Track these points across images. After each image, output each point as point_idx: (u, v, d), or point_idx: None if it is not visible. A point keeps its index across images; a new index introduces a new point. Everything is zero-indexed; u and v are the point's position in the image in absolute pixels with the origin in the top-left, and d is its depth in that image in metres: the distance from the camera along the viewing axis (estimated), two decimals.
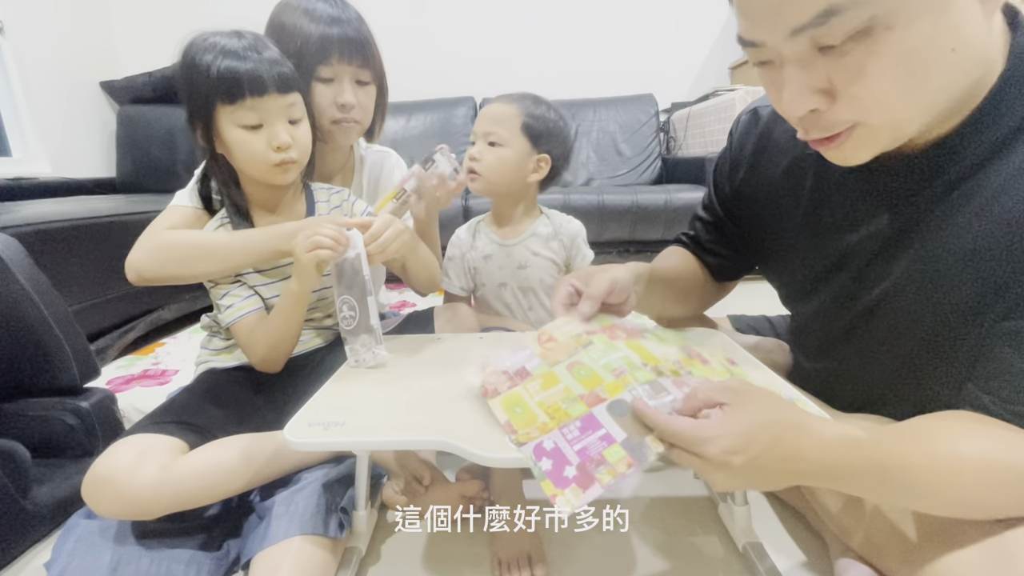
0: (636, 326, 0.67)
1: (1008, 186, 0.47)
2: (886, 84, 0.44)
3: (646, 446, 0.47)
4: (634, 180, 2.66)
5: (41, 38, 2.37)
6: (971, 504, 0.47)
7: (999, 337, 0.48)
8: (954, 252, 0.51)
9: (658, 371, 0.56)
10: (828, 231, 0.64)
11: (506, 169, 0.99)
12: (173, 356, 1.60)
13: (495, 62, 2.89)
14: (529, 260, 1.04)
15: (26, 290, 0.86)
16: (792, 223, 0.69)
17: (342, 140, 0.96)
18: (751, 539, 0.72)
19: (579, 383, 0.55)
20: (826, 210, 0.64)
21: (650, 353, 0.59)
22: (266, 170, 0.79)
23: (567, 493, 0.45)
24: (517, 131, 0.98)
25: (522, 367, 0.59)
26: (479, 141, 1.00)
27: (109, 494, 0.64)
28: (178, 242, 0.82)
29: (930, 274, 0.53)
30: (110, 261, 1.45)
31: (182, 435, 0.71)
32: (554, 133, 1.01)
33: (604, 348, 0.59)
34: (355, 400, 0.64)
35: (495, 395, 0.57)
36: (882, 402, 0.64)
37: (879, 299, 0.59)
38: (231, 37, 0.76)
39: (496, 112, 1.00)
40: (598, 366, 0.57)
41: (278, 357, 0.84)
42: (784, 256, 0.73)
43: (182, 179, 0.90)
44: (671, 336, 0.68)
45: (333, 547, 0.69)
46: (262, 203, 0.86)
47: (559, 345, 0.61)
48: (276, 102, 0.77)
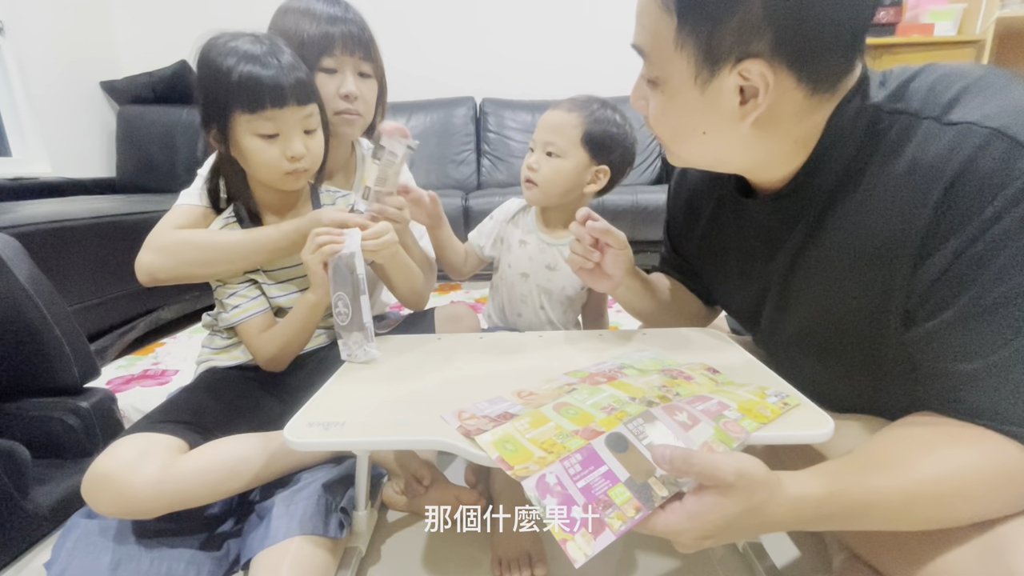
0: (614, 367, 0.67)
1: (866, 210, 0.54)
2: (663, 126, 0.59)
3: (650, 489, 0.46)
4: (634, 180, 2.66)
5: (41, 38, 2.37)
6: (938, 520, 0.49)
7: (917, 343, 0.52)
8: (837, 273, 0.57)
9: (647, 402, 0.55)
10: (747, 265, 0.70)
11: (562, 181, 0.95)
12: (173, 356, 1.60)
13: (495, 62, 2.89)
14: (560, 265, 1.02)
15: (26, 290, 0.86)
16: (723, 265, 0.75)
17: (346, 132, 0.96)
18: (751, 539, 0.72)
19: (570, 421, 0.53)
20: (741, 246, 0.70)
21: (634, 387, 0.59)
22: (278, 177, 0.80)
23: (578, 539, 0.43)
24: (577, 142, 0.94)
25: (504, 411, 0.57)
26: (537, 150, 0.96)
27: (109, 493, 0.64)
28: (191, 242, 0.82)
29: (830, 289, 0.59)
30: (110, 261, 1.46)
31: (183, 434, 0.71)
32: (617, 141, 0.96)
33: (588, 391, 0.59)
34: (355, 400, 0.64)
35: (479, 433, 0.52)
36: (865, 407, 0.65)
37: (799, 326, 0.65)
38: (250, 42, 0.76)
39: (556, 121, 0.95)
40: (586, 406, 0.55)
41: (286, 358, 0.85)
42: (727, 296, 0.80)
43: (182, 179, 0.90)
44: (649, 363, 0.68)
45: (333, 547, 0.69)
46: (270, 205, 0.87)
47: (540, 396, 0.60)
48: (294, 114, 0.77)
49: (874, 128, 0.53)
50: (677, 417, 0.52)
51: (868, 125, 0.53)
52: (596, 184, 0.98)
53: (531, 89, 2.83)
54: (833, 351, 0.62)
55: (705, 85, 0.52)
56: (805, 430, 0.53)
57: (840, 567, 0.63)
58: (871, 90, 0.54)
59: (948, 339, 0.49)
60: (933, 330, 0.50)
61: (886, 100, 0.53)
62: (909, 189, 0.50)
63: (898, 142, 0.51)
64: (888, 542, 0.55)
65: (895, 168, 0.51)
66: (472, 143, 2.75)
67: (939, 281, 0.48)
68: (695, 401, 0.55)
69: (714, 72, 0.51)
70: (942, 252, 0.48)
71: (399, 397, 0.65)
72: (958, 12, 2.61)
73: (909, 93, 0.52)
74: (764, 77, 0.49)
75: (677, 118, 0.57)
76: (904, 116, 0.51)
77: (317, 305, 0.80)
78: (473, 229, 1.10)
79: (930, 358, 0.51)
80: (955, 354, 0.49)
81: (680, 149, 0.61)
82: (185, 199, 0.89)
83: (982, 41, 2.58)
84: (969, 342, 0.48)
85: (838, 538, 0.66)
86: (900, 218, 0.50)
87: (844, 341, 0.60)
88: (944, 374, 0.50)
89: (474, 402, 0.59)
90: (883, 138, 0.52)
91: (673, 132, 0.59)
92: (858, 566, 0.61)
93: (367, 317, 0.74)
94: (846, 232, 0.56)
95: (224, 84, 0.74)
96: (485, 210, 1.13)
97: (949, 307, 0.48)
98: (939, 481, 0.47)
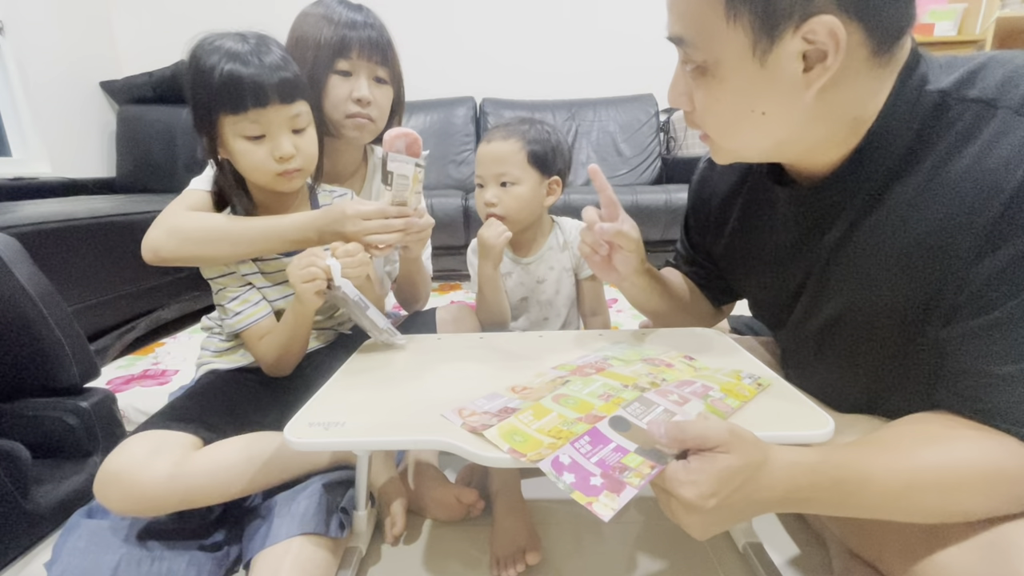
0: (599, 359, 0.69)
1: (920, 201, 0.51)
2: (715, 115, 0.56)
3: (660, 451, 0.48)
4: (634, 180, 2.66)
5: (41, 38, 2.37)
6: (931, 510, 0.48)
7: (953, 340, 0.51)
8: (886, 261, 0.55)
9: (640, 388, 0.58)
10: (781, 258, 0.68)
11: (525, 205, 0.98)
12: (173, 356, 1.60)
13: (495, 62, 2.89)
14: (546, 275, 1.06)
15: (26, 290, 0.86)
16: (756, 258, 0.73)
17: (354, 136, 0.95)
18: (751, 539, 0.72)
19: (571, 410, 0.55)
20: (775, 239, 0.69)
21: (624, 375, 0.62)
22: (270, 179, 0.79)
23: (601, 499, 0.45)
24: (525, 165, 0.97)
25: (504, 407, 0.58)
26: (489, 185, 0.98)
27: (120, 490, 0.64)
28: (198, 224, 0.81)
29: (870, 284, 0.57)
30: (110, 261, 1.46)
31: (195, 431, 0.71)
32: (557, 151, 1.00)
33: (582, 383, 0.61)
34: (355, 400, 0.64)
35: (485, 428, 0.54)
36: (873, 407, 0.65)
37: (836, 314, 0.62)
38: (236, 40, 0.76)
39: (498, 152, 0.97)
40: (583, 395, 0.58)
41: (288, 363, 0.86)
42: (753, 287, 0.78)
43: (182, 179, 0.90)
44: (630, 353, 0.71)
45: (334, 547, 0.69)
46: (268, 207, 0.86)
47: (535, 390, 0.62)
48: (279, 113, 0.76)
49: (940, 113, 0.50)
50: (669, 398, 0.56)
51: (933, 109, 0.50)
52: (553, 195, 1.02)
53: (531, 89, 2.83)
54: (862, 342, 0.61)
55: (764, 56, 0.49)
56: (805, 430, 0.53)
57: (841, 567, 0.63)
58: (931, 74, 0.51)
59: (988, 340, 0.48)
60: (975, 328, 0.48)
61: (953, 86, 0.50)
62: (977, 181, 0.47)
63: (968, 131, 0.49)
64: (890, 541, 0.55)
65: (962, 158, 0.48)
66: (472, 143, 2.75)
67: (995, 279, 0.46)
68: (682, 385, 0.59)
69: (774, 39, 0.48)
70: (1005, 250, 0.46)
71: (399, 397, 0.65)
72: (958, 12, 2.61)
73: (982, 81, 0.49)
74: (834, 34, 0.46)
75: (733, 101, 0.53)
76: (977, 104, 0.48)
77: (304, 313, 0.80)
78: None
79: (963, 356, 0.50)
80: (991, 355, 0.48)
81: (733, 139, 0.57)
82: (197, 184, 0.88)
83: (982, 41, 2.58)
84: (1009, 346, 0.47)
85: (839, 538, 0.66)
86: (964, 209, 0.48)
87: (876, 333, 0.58)
88: (973, 373, 0.49)
89: (472, 399, 0.60)
90: (951, 125, 0.50)
91: (728, 119, 0.55)
92: (859, 566, 0.60)
93: (382, 322, 0.78)
94: (899, 220, 0.53)
95: (207, 85, 0.74)
96: None
97: (997, 308, 0.47)
98: (941, 469, 0.47)
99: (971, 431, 0.49)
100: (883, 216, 0.55)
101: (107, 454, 0.67)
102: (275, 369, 0.85)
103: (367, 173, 1.07)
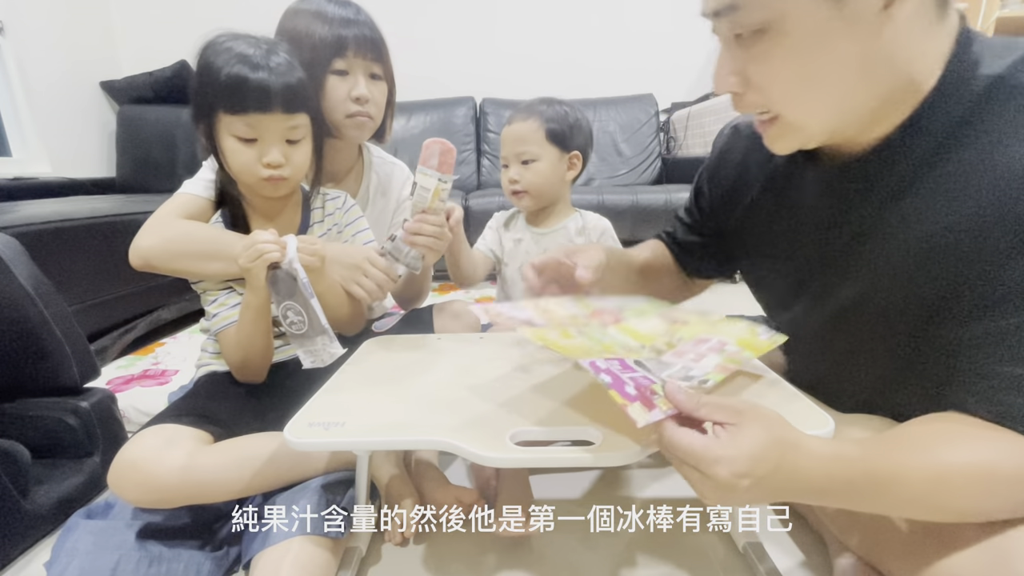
0: (616, 307, 0.68)
1: (957, 190, 0.49)
2: (782, 81, 0.51)
3: None
4: (634, 180, 2.66)
5: (41, 38, 2.37)
6: (961, 510, 0.48)
7: (976, 339, 0.49)
8: (913, 250, 0.53)
9: (656, 349, 0.59)
10: (799, 238, 0.66)
11: (546, 180, 1.04)
12: (173, 356, 1.59)
13: (495, 63, 2.90)
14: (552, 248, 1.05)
15: (26, 290, 0.86)
16: (766, 233, 0.71)
17: (355, 135, 0.95)
18: (751, 539, 0.72)
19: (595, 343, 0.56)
20: (796, 217, 0.66)
21: (639, 332, 0.62)
22: (255, 182, 0.79)
23: (636, 406, 0.45)
24: (544, 142, 1.03)
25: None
26: (512, 164, 1.05)
27: (136, 479, 0.64)
28: (192, 236, 0.81)
29: (892, 272, 0.55)
30: (110, 261, 1.46)
31: (206, 427, 0.72)
32: (575, 127, 1.05)
33: (599, 332, 0.61)
34: (355, 400, 0.64)
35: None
36: (877, 405, 0.65)
37: (850, 301, 0.60)
38: (248, 44, 0.76)
39: (518, 132, 1.03)
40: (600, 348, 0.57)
41: (255, 369, 0.83)
42: (762, 266, 0.76)
43: (182, 179, 0.89)
44: (647, 306, 0.70)
45: (333, 547, 0.69)
46: (258, 209, 0.86)
47: (557, 317, 0.62)
48: (279, 122, 0.76)
49: (993, 96, 0.48)
50: (686, 357, 0.57)
51: (986, 91, 0.48)
52: (574, 170, 1.08)
53: (531, 89, 2.81)
54: (871, 335, 0.59)
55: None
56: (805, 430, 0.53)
57: (842, 569, 0.63)
58: (986, 56, 0.49)
59: (1013, 341, 0.47)
60: (1002, 328, 0.47)
61: (1009, 70, 0.48)
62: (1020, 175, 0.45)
63: (1016, 122, 0.47)
64: (891, 542, 0.55)
65: (1007, 148, 0.47)
66: (472, 143, 2.75)
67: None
68: (698, 343, 0.60)
69: None
70: None
71: (399, 397, 0.65)
72: None
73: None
74: None
75: (802, 56, 0.48)
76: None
77: (259, 307, 0.77)
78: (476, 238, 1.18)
79: (984, 356, 0.49)
80: (1014, 357, 0.47)
81: (801, 106, 0.52)
82: (189, 188, 0.87)
83: None
84: None
85: (840, 539, 0.66)
86: (1003, 205, 0.46)
87: (888, 326, 0.57)
88: (994, 375, 0.48)
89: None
90: (1002, 111, 0.48)
91: (796, 80, 0.50)
92: (860, 568, 0.60)
93: (323, 318, 0.74)
94: (930, 209, 0.51)
95: (212, 82, 0.74)
96: (486, 210, 1.14)
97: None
98: (969, 467, 0.46)
99: (991, 431, 0.48)
100: (915, 202, 0.52)
101: (107, 454, 0.67)
102: (243, 374, 0.83)
103: (363, 171, 1.07)
